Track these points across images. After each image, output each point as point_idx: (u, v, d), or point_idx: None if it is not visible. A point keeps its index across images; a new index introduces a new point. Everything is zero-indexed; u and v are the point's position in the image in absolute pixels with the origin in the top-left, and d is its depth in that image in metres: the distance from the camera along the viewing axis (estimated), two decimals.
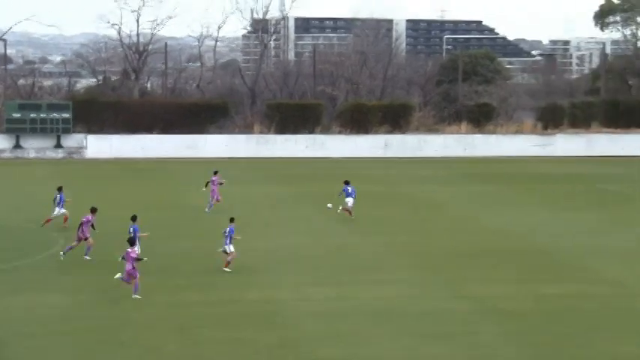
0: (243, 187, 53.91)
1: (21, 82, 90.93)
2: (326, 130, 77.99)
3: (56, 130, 71.10)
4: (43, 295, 27.11)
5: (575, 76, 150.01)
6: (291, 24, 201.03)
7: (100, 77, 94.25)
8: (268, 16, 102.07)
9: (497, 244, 36.22)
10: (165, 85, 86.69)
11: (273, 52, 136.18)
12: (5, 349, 22.00)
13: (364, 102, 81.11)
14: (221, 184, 44.23)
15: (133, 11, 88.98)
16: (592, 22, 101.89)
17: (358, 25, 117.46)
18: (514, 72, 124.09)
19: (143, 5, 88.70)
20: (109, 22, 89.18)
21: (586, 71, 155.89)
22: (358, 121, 77.61)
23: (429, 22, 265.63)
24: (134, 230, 31.06)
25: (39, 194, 49.48)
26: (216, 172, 44.45)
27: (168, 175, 59.84)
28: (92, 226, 32.83)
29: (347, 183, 42.86)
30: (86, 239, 32.36)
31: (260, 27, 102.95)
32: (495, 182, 57.37)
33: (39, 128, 70.78)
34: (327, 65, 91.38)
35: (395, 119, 78.88)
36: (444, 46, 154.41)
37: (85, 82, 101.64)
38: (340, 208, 41.78)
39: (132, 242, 28.03)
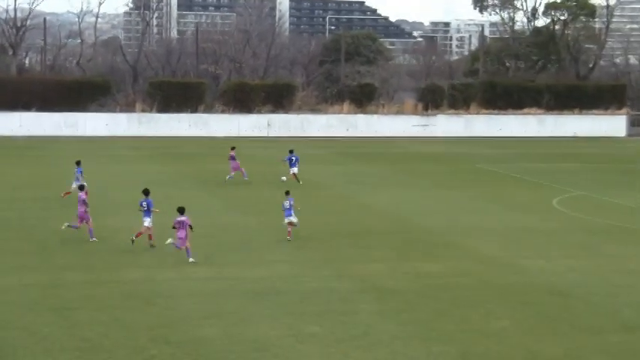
0: (124, 165, 53.39)
1: None
2: (209, 109, 77.77)
3: None
4: None
5: (454, 57, 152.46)
6: (174, 1, 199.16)
7: None
8: None
9: (376, 223, 36.67)
10: (44, 62, 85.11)
11: (155, 30, 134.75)
12: None
13: (247, 81, 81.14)
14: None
15: None
16: (471, 5, 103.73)
17: (241, 4, 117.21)
18: (395, 53, 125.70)
19: None
20: None
21: (466, 53, 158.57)
22: (241, 100, 77.60)
23: (312, 2, 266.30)
24: (148, 204, 30.80)
25: None
26: (233, 148, 47.16)
27: (46, 153, 58.74)
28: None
29: (291, 152, 45.44)
30: (87, 221, 31.49)
31: (142, 3, 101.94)
32: (376, 162, 58.03)
33: None
34: (210, 44, 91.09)
35: (278, 99, 79.13)
36: (327, 26, 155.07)
37: None
38: (285, 177, 44.95)
39: (182, 211, 29.03)
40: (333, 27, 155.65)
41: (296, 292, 25.56)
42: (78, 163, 40.40)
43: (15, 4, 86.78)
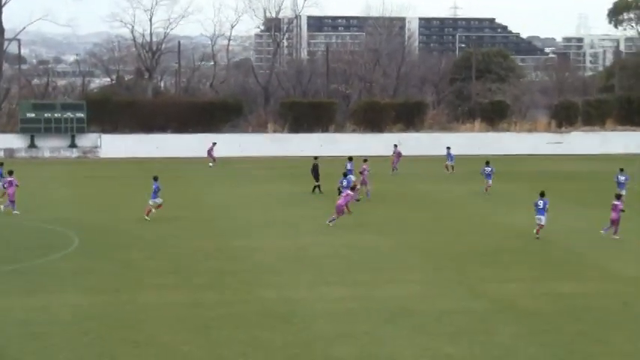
0: (257, 186, 53.95)
1: (35, 81, 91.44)
2: (340, 129, 77.95)
3: (70, 130, 71.31)
4: (58, 295, 27.08)
5: (588, 73, 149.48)
6: (304, 22, 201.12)
7: (114, 76, 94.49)
8: (281, 15, 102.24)
9: (512, 242, 36.07)
10: (179, 85, 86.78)
11: (286, 51, 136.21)
12: (19, 350, 21.98)
13: (377, 100, 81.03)
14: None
15: (145, 10, 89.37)
16: (606, 20, 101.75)
17: (371, 24, 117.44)
18: (527, 70, 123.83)
19: (156, 4, 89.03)
20: (121, 22, 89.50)
21: (600, 69, 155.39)
22: (372, 119, 77.52)
23: (442, 20, 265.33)
24: (544, 203, 36.27)
25: (54, 194, 49.70)
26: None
27: (182, 174, 59.81)
28: None
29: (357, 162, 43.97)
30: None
31: (273, 26, 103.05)
32: (510, 180, 57.14)
33: (53, 128, 71.08)
34: (340, 64, 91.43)
35: (409, 118, 78.78)
36: (457, 44, 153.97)
37: (98, 82, 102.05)
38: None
39: (353, 188, 41.03)
40: (463, 44, 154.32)
41: (431, 312, 25.28)
42: (155, 178, 41.30)
43: (151, 29, 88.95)
